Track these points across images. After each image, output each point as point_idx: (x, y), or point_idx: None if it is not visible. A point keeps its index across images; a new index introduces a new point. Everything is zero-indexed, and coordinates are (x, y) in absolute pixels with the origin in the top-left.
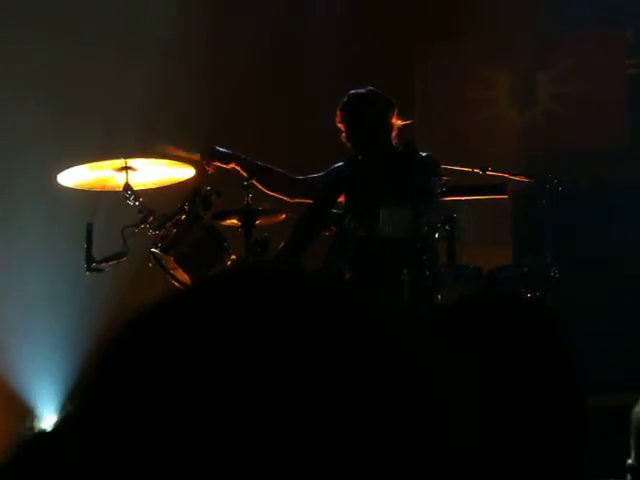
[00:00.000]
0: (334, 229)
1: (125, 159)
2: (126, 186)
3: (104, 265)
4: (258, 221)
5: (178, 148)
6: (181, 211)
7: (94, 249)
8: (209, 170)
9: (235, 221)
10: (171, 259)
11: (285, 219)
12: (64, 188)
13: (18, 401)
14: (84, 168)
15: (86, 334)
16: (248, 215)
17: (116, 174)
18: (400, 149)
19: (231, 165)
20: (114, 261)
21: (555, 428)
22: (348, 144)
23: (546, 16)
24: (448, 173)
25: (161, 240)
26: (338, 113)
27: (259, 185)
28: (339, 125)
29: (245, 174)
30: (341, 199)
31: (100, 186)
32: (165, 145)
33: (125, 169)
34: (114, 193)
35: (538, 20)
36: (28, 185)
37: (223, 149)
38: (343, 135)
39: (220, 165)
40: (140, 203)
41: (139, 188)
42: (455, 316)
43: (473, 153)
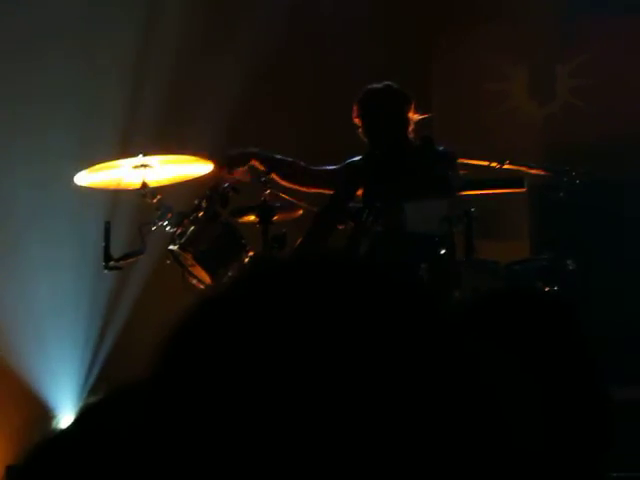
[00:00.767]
0: (351, 224)
1: (142, 157)
2: (143, 184)
3: (122, 263)
4: (275, 217)
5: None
6: (199, 208)
7: (112, 247)
8: (230, 177)
9: (253, 217)
10: (189, 256)
11: (302, 214)
12: (82, 188)
13: (36, 400)
14: (101, 167)
15: (105, 332)
16: (265, 211)
17: (133, 172)
18: (417, 144)
19: (250, 164)
20: (132, 259)
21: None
22: (365, 139)
23: (564, 8)
24: (465, 167)
25: (179, 237)
26: (354, 108)
27: (276, 177)
28: (355, 120)
29: (264, 169)
30: (359, 193)
31: (117, 185)
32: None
33: (142, 167)
34: (131, 191)
35: (556, 12)
36: (45, 185)
37: (235, 151)
38: (360, 130)
39: (239, 169)
40: (157, 201)
41: (156, 185)
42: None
43: (491, 147)
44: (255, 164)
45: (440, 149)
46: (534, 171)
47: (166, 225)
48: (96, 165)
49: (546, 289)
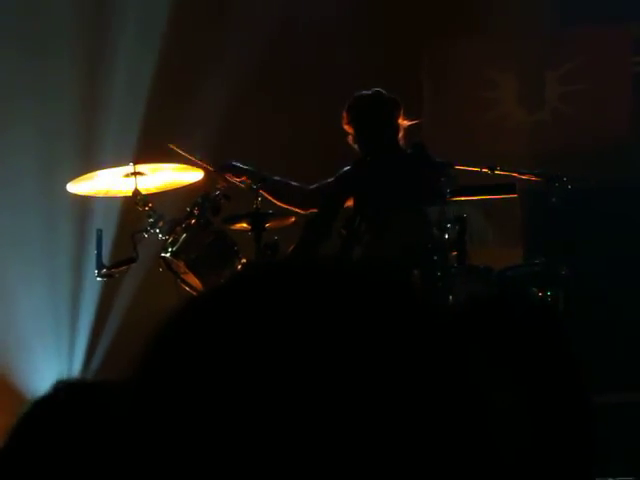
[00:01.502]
0: (344, 232)
1: (133, 164)
2: (135, 192)
3: (114, 271)
4: (268, 224)
5: (190, 152)
6: (191, 216)
7: (104, 255)
8: (220, 184)
9: (245, 225)
10: (181, 264)
11: (295, 222)
12: (74, 196)
13: (23, 401)
14: (93, 175)
15: (96, 341)
16: (258, 219)
17: (125, 180)
18: (408, 150)
19: (242, 178)
20: (124, 266)
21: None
22: (355, 146)
23: (553, 15)
24: (457, 173)
25: (171, 245)
26: (344, 115)
27: (272, 199)
28: (345, 127)
29: (254, 186)
30: (349, 203)
31: (109, 192)
32: (175, 146)
33: (133, 174)
34: (123, 199)
35: (545, 19)
36: (38, 194)
37: (239, 164)
38: (350, 137)
39: (231, 179)
40: (149, 208)
41: (148, 193)
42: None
43: (482, 153)
44: (248, 181)
45: (432, 156)
46: (525, 177)
47: (158, 233)
48: (88, 173)
49: (539, 294)
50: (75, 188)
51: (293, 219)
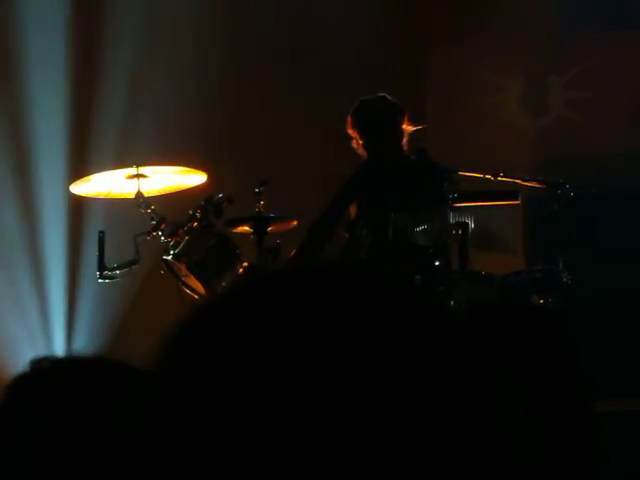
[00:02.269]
0: (346, 235)
1: (137, 166)
2: (138, 194)
3: (116, 273)
4: (270, 228)
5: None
6: (193, 218)
7: (106, 257)
8: None
9: (247, 228)
10: (183, 266)
11: (297, 226)
12: (76, 196)
13: None
14: (96, 177)
15: (98, 342)
16: (260, 222)
17: (128, 182)
18: (412, 155)
19: None
20: (126, 269)
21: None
22: (359, 150)
23: (558, 20)
24: (460, 179)
25: (173, 247)
26: (348, 119)
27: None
28: (349, 131)
29: None
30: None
31: (112, 194)
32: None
33: (137, 177)
34: (126, 201)
35: (550, 24)
36: (41, 193)
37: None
38: (354, 141)
39: None
40: (152, 211)
41: (151, 195)
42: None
43: (485, 158)
44: None
45: (435, 161)
46: (528, 183)
47: (160, 235)
48: (91, 174)
49: (540, 301)
50: (77, 189)
51: (295, 223)
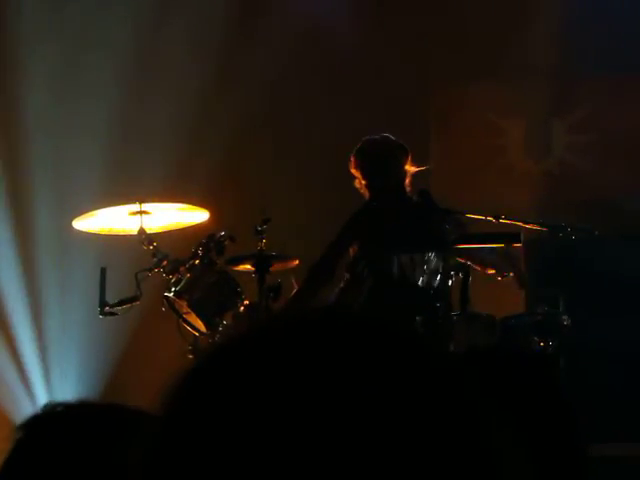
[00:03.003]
0: (347, 276)
1: (139, 203)
2: (140, 230)
3: (117, 309)
4: (272, 267)
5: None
6: (195, 256)
7: (108, 293)
8: None
9: (249, 266)
10: (184, 303)
11: (298, 264)
12: (78, 232)
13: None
14: (98, 213)
15: (98, 379)
16: (261, 260)
17: (130, 218)
18: (414, 196)
19: None
20: (127, 305)
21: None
22: (361, 190)
23: (561, 64)
24: (467, 221)
25: (174, 284)
26: (352, 159)
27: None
28: (353, 171)
29: None
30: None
31: (112, 230)
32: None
33: (139, 213)
34: (128, 237)
35: (554, 68)
36: (43, 230)
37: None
38: (357, 181)
39: None
40: (154, 247)
41: (153, 232)
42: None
43: (487, 201)
44: None
45: (437, 203)
46: (530, 226)
47: (162, 272)
48: (93, 211)
49: (541, 344)
50: (80, 225)
51: (297, 261)
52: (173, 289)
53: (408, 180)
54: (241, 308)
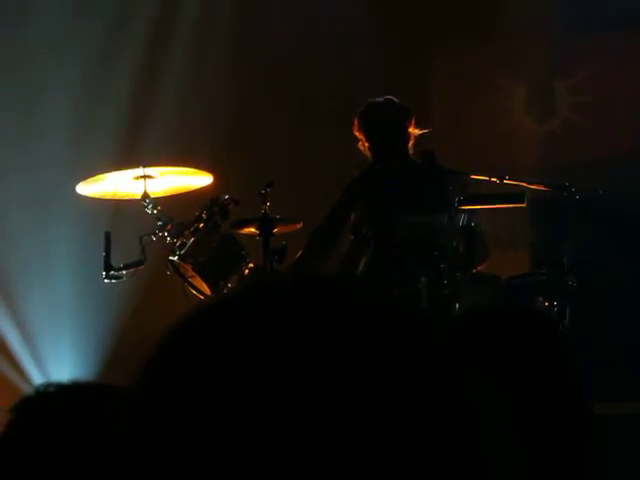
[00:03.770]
0: (352, 237)
1: (143, 167)
2: (144, 194)
3: (122, 273)
4: (276, 229)
5: None
6: (199, 219)
7: (112, 257)
8: None
9: (253, 229)
10: (189, 267)
11: (303, 227)
12: (82, 197)
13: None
14: (102, 177)
15: (103, 343)
16: (266, 223)
17: (134, 183)
18: (418, 158)
19: None
20: (132, 269)
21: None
22: (365, 152)
23: (563, 24)
24: (469, 182)
25: (179, 248)
26: (355, 121)
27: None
28: (356, 133)
29: None
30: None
31: (118, 195)
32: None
33: (143, 177)
34: (132, 202)
35: (555, 28)
36: (45, 194)
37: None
38: (360, 143)
39: None
40: (158, 211)
41: (157, 196)
42: (462, 328)
43: (491, 162)
44: None
45: (441, 164)
46: (534, 186)
47: (166, 236)
48: (97, 175)
49: (545, 304)
50: (84, 190)
51: (301, 225)
52: (178, 253)
53: (412, 142)
54: (246, 271)
